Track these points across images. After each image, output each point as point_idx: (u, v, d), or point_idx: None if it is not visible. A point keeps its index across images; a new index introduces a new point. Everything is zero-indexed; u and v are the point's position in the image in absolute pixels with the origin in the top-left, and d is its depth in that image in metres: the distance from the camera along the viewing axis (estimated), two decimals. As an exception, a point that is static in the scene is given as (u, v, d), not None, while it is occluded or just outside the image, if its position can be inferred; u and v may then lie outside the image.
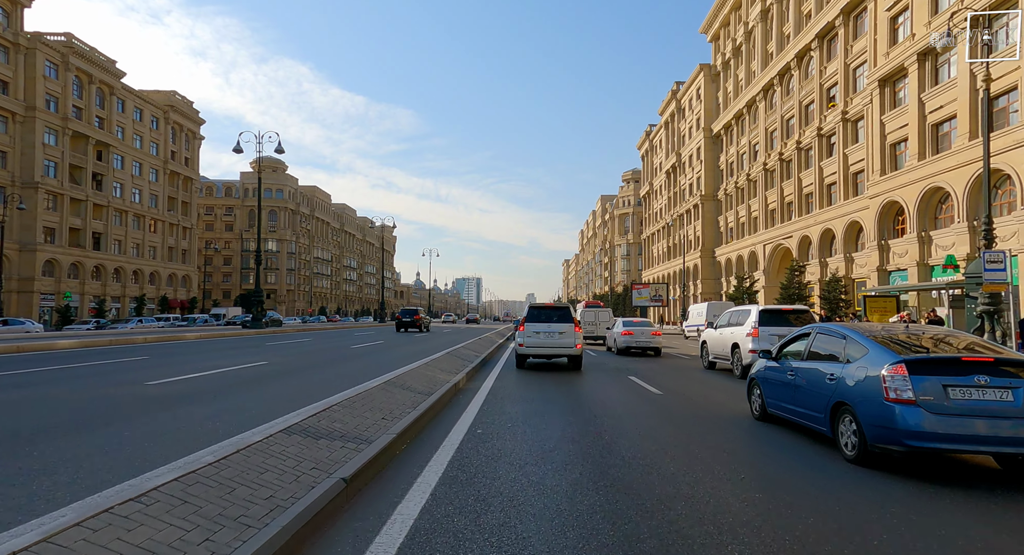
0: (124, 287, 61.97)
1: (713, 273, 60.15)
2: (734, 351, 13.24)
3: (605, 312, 29.98)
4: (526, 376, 12.76)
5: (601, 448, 5.81)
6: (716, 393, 10.56)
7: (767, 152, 46.47)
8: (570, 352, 14.13)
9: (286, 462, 4.20)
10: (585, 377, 13.01)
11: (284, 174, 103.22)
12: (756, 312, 12.89)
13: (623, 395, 10.18)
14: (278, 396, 8.19)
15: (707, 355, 15.30)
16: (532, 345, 14.17)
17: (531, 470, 4.90)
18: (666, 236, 74.56)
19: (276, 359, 14.40)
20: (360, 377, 10.33)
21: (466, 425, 7.04)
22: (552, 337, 14.07)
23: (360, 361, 14.42)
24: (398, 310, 47.58)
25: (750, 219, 50.66)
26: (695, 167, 63.29)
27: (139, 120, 64.88)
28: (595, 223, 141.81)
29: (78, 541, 2.55)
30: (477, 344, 21.09)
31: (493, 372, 13.69)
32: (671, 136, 73.35)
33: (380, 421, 6.13)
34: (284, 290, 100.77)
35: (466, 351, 16.82)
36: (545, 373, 13.47)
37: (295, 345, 20.38)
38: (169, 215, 70.13)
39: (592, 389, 10.85)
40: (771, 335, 11.91)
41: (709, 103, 60.26)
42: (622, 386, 11.51)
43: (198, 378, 10.23)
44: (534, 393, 10.04)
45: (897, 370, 4.83)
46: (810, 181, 39.22)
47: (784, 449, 5.83)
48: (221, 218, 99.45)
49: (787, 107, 42.91)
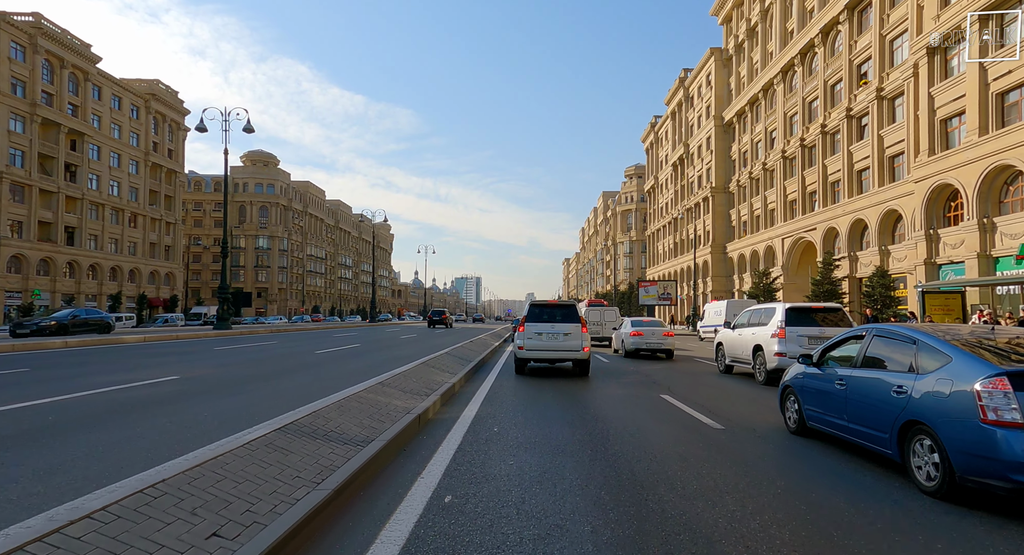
0: (101, 285, 58.58)
1: (724, 270, 56.74)
2: (756, 354, 11.90)
3: (611, 311, 27.11)
4: (525, 396, 9.35)
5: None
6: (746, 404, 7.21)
7: (786, 139, 43.07)
8: (576, 356, 12.39)
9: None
10: (604, 395, 9.72)
11: (275, 169, 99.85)
12: (782, 311, 11.47)
13: (667, 430, 6.83)
14: (88, 453, 4.80)
15: (723, 358, 13.84)
16: (533, 348, 12.48)
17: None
18: (672, 232, 71.17)
19: (203, 372, 11.03)
20: (284, 404, 6.97)
21: (418, 507, 3.68)
22: (556, 339, 12.38)
23: (308, 374, 11.04)
24: (430, 310, 58.32)
25: (766, 212, 47.26)
26: (704, 158, 59.89)
27: (117, 109, 61.45)
28: (596, 220, 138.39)
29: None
30: (470, 347, 17.75)
31: (483, 387, 10.28)
32: (678, 127, 69.95)
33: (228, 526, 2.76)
34: (276, 288, 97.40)
35: (449, 360, 13.44)
36: (549, 386, 10.05)
37: (250, 350, 17.03)
38: (151, 209, 66.74)
39: (619, 419, 7.45)
40: (800, 336, 10.89)
41: (720, 89, 56.85)
42: (657, 411, 8.24)
43: (46, 406, 6.85)
44: (536, 430, 6.65)
45: (997, 384, 3.93)
46: (837, 168, 35.82)
47: (835, 474, 4.89)
48: (211, 214, 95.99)
49: (809, 88, 39.50)
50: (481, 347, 19.28)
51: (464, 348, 17.26)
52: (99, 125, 58.67)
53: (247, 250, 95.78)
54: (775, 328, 11.25)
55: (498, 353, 19.51)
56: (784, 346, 10.85)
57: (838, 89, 36.28)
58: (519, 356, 12.72)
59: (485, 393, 9.86)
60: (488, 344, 21.38)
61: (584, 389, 10.57)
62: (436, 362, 12.29)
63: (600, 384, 11.40)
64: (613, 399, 9.46)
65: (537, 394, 9.87)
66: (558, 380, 11.83)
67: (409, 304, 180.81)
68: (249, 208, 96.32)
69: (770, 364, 11.17)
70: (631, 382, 11.83)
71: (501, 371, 13.44)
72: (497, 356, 18.28)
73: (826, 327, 11.08)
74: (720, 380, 12.24)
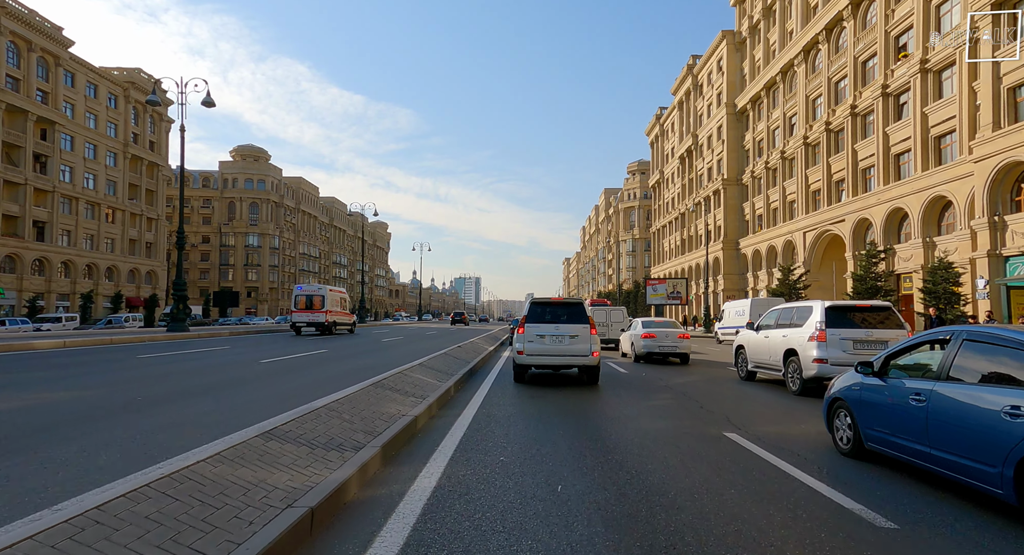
0: (74, 283, 55.14)
1: (737, 267, 53.30)
2: (788, 360, 10.55)
3: (617, 311, 24.64)
4: (524, 435, 5.85)
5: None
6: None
7: (807, 124, 39.63)
8: (584, 362, 10.91)
9: None
10: (636, 430, 6.29)
11: (266, 164, 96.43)
12: (821, 310, 10.05)
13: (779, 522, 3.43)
14: None
15: (744, 363, 12.47)
16: (535, 353, 11.01)
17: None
18: (679, 228, 67.74)
19: (41, 399, 7.57)
20: (158, 452, 3.49)
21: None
22: (560, 342, 10.91)
23: (208, 401, 7.57)
24: (452, 311, 74.97)
25: (784, 204, 43.82)
26: (715, 149, 56.46)
27: (93, 97, 58.00)
28: (598, 218, 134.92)
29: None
30: (457, 353, 14.36)
31: (463, 417, 6.82)
32: (686, 117, 66.51)
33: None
34: (267, 288, 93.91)
35: (424, 373, 10.03)
36: (557, 416, 6.54)
37: (183, 359, 13.63)
38: (131, 204, 63.29)
39: (684, 494, 3.92)
40: (843, 340, 9.63)
41: (732, 75, 53.41)
42: (734, 468, 4.93)
43: None
44: (544, 531, 3.21)
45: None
46: (869, 152, 32.38)
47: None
48: (198, 210, 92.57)
49: (836, 67, 36.06)
50: (471, 353, 15.86)
51: (448, 356, 13.86)
52: (72, 114, 55.24)
53: (236, 248, 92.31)
54: (813, 330, 9.81)
55: (491, 360, 16.11)
56: (824, 351, 9.45)
57: (870, 66, 32.85)
58: (518, 362, 11.19)
59: (463, 431, 6.46)
60: (480, 349, 17.96)
61: (608, 420, 7.15)
62: (402, 380, 8.89)
63: (624, 406, 8.11)
64: (654, 439, 6.14)
65: (543, 431, 6.43)
66: (568, 400, 8.40)
67: (407, 304, 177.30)
68: (239, 204, 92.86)
69: (807, 371, 9.68)
70: (664, 403, 8.58)
71: (490, 392, 10.01)
72: (491, 363, 14.90)
73: (873, 329, 9.67)
74: (745, 389, 10.86)
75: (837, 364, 9.14)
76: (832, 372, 8.91)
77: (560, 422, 7.19)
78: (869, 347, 9.37)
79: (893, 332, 9.55)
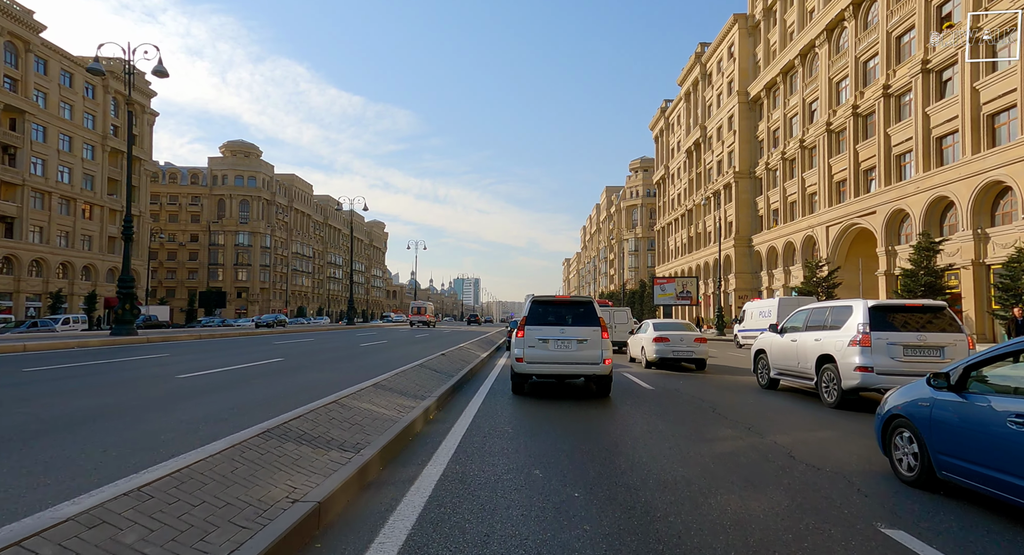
0: (47, 282, 52.01)
1: (750, 265, 50.17)
2: (823, 367, 9.10)
3: (622, 312, 22.58)
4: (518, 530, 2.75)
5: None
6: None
7: (831, 109, 36.55)
8: (595, 370, 9.28)
9: None
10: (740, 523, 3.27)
11: (257, 160, 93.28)
12: (864, 310, 8.53)
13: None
14: None
15: (765, 369, 11.32)
16: (536, 360, 9.29)
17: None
18: (686, 225, 64.64)
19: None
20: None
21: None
22: (567, 348, 9.27)
23: (48, 446, 4.38)
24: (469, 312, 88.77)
25: (804, 196, 40.73)
26: (726, 140, 53.36)
27: (68, 86, 54.89)
28: (599, 217, 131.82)
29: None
30: (437, 364, 11.27)
31: (427, 472, 3.60)
32: (693, 108, 63.43)
33: None
34: (258, 288, 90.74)
35: (371, 405, 6.89)
36: (574, 475, 3.46)
37: (89, 372, 10.53)
38: (110, 199, 60.19)
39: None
40: (891, 345, 8.19)
41: (744, 62, 50.33)
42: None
43: None
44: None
45: None
46: (906, 136, 29.29)
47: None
48: (187, 208, 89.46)
49: (865, 45, 32.98)
50: (456, 364, 12.73)
51: (425, 369, 10.74)
52: (45, 103, 52.11)
53: (226, 247, 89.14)
54: (854, 333, 8.60)
55: (485, 369, 12.98)
56: (869, 358, 8.29)
57: (905, 41, 29.78)
58: (517, 370, 9.59)
59: (420, 508, 3.31)
60: (471, 357, 14.82)
61: (663, 487, 3.90)
62: (338, 414, 5.81)
63: (672, 451, 4.80)
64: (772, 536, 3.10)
65: (557, 510, 3.26)
66: (588, 440, 5.23)
67: (404, 305, 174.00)
68: (228, 202, 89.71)
69: (847, 381, 8.53)
70: (736, 445, 5.32)
71: (474, 422, 6.88)
72: (484, 372, 11.77)
73: (926, 332, 8.43)
74: (767, 399, 9.73)
75: (884, 373, 8.12)
76: (877, 382, 8.12)
77: (584, 499, 4.04)
78: (921, 354, 8.23)
79: (949, 336, 8.30)
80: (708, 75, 59.11)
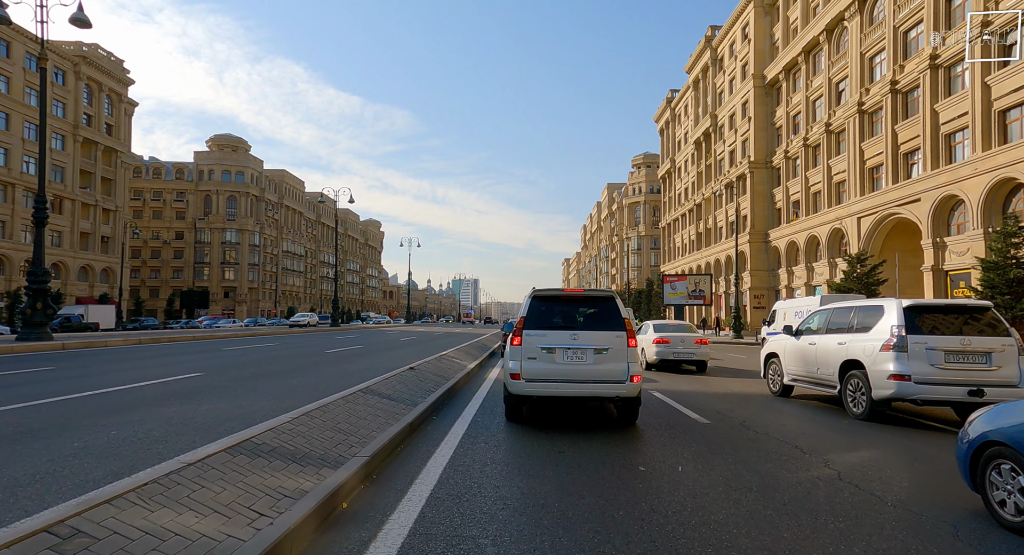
0: (9, 281, 48.33)
1: (766, 262, 46.55)
2: (848, 374, 8.27)
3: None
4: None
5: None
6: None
7: (863, 87, 32.97)
8: (618, 391, 6.66)
9: None
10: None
11: (246, 154, 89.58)
12: (898, 310, 7.64)
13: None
14: None
15: (777, 374, 10.26)
16: (539, 376, 6.72)
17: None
18: (694, 221, 61.07)
19: None
20: None
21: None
22: (580, 360, 6.74)
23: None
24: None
25: (830, 186, 37.14)
26: (739, 128, 49.76)
27: (34, 71, 51.15)
28: (600, 216, 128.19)
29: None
30: (394, 385, 7.73)
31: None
32: (702, 97, 59.85)
33: None
34: (246, 288, 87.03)
35: (288, 446, 3.20)
36: None
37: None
38: (82, 193, 56.51)
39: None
40: (931, 350, 7.27)
41: (760, 43, 46.74)
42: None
43: None
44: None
45: None
46: (959, 111, 25.70)
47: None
48: (171, 204, 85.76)
49: (906, 13, 29.36)
50: (428, 381, 9.12)
51: (372, 396, 7.14)
52: (7, 88, 48.50)
53: (213, 245, 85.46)
54: (887, 337, 7.55)
55: (469, 387, 9.37)
56: (905, 364, 7.24)
57: (957, 3, 26.19)
58: (513, 391, 6.79)
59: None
60: (451, 371, 11.19)
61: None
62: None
63: None
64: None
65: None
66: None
67: (401, 306, 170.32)
68: (215, 198, 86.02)
69: (879, 391, 7.50)
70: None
71: (445, 473, 3.20)
72: (469, 389, 8.19)
73: (969, 336, 7.29)
74: (788, 408, 8.78)
75: (923, 382, 7.18)
76: (916, 392, 7.17)
77: None
78: (965, 360, 7.21)
79: (996, 340, 7.29)
80: (719, 60, 55.51)
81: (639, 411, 7.24)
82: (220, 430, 5.44)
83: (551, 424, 7.06)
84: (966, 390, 6.99)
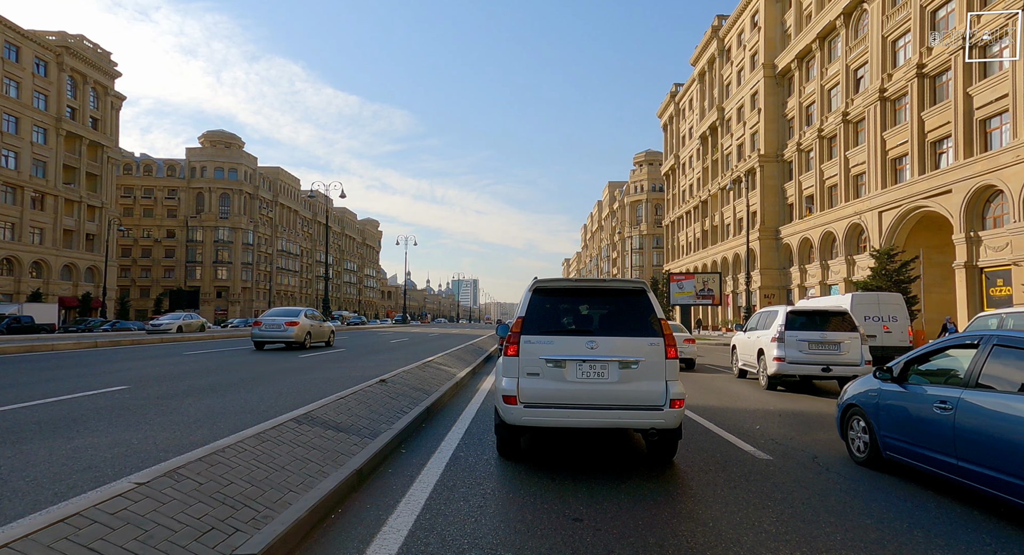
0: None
1: (777, 260, 44.52)
2: (760, 358, 11.54)
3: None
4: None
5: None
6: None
7: (885, 73, 30.95)
8: (653, 421, 4.76)
9: None
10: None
11: (239, 151, 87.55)
12: (784, 313, 11.22)
13: None
14: None
15: (736, 362, 13.40)
16: (542, 401, 4.81)
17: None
18: (699, 218, 59.05)
19: None
20: None
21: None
22: (601, 378, 4.83)
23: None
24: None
25: (847, 179, 35.11)
26: (748, 121, 47.73)
27: (14, 61, 49.25)
28: (601, 215, 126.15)
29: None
30: (344, 409, 5.68)
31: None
32: (708, 89, 57.84)
33: None
34: (239, 287, 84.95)
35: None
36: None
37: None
38: (66, 189, 54.43)
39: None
40: (799, 341, 10.60)
41: (771, 31, 44.71)
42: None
43: None
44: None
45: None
46: (996, 94, 23.72)
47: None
48: (163, 202, 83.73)
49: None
50: (401, 399, 7.10)
51: (315, 427, 5.08)
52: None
53: (205, 243, 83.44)
54: (775, 332, 10.84)
55: (455, 402, 7.32)
56: (783, 351, 10.50)
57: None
58: (508, 419, 4.87)
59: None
60: (435, 381, 9.15)
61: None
62: None
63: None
64: None
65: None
66: None
67: (399, 306, 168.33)
68: (207, 195, 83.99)
69: (769, 369, 10.82)
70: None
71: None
72: (456, 406, 6.11)
73: (828, 331, 10.57)
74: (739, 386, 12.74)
75: (793, 362, 10.41)
76: (788, 370, 10.41)
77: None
78: (823, 348, 10.40)
79: (845, 335, 10.44)
80: (727, 50, 53.49)
81: (677, 447, 5.23)
82: (169, 451, 3.41)
83: (558, 462, 5.08)
84: (820, 368, 10.23)
